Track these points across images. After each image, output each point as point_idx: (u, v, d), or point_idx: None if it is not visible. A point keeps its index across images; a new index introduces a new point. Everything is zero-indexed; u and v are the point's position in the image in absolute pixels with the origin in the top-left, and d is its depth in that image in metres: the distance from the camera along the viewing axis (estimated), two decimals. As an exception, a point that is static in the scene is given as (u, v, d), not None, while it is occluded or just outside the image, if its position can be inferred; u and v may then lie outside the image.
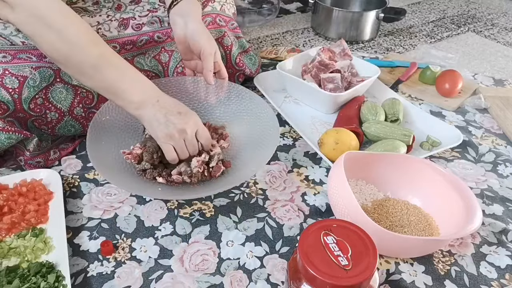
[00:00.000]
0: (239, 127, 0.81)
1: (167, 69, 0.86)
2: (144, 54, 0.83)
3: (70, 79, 0.74)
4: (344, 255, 0.45)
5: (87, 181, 0.74)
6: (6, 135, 0.68)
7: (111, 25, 0.79)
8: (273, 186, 0.75)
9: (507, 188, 0.77)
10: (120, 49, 0.79)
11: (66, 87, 0.74)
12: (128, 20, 0.80)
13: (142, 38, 0.81)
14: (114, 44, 0.79)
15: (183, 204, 0.71)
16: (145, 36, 0.82)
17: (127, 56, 0.81)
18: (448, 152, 0.84)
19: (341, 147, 0.75)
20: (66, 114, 0.76)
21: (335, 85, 0.90)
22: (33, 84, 0.70)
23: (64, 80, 0.74)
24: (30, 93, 0.70)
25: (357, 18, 1.28)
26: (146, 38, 0.82)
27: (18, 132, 0.69)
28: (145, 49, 0.83)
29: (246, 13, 1.39)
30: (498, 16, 1.56)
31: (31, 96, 0.70)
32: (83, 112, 0.77)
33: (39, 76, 0.71)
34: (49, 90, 0.72)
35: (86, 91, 0.76)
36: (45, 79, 0.72)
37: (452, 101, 0.99)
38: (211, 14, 0.89)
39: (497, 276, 0.61)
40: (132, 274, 0.60)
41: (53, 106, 0.74)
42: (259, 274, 0.60)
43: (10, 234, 0.62)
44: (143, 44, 0.82)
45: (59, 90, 0.73)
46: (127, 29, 0.80)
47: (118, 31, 0.79)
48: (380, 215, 0.66)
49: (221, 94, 0.83)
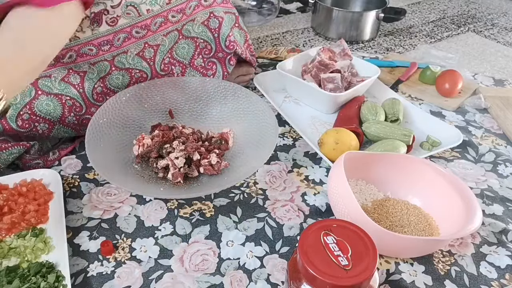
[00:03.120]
0: (236, 126, 0.81)
1: (154, 64, 0.81)
2: (126, 53, 0.77)
3: (50, 89, 0.72)
4: (344, 255, 0.45)
5: (87, 181, 0.74)
6: (7, 152, 0.69)
7: (82, 24, 0.72)
8: (273, 186, 0.75)
9: (507, 188, 0.77)
10: (97, 51, 0.75)
11: (50, 98, 0.72)
12: (100, 14, 0.73)
13: (119, 36, 0.76)
14: (90, 47, 0.74)
15: (183, 204, 0.71)
16: (122, 34, 0.76)
17: (106, 57, 0.76)
18: (448, 152, 0.84)
19: (341, 147, 0.75)
20: (57, 123, 0.75)
21: (335, 85, 0.90)
22: (14, 102, 0.69)
23: (45, 91, 0.72)
24: (14, 110, 0.69)
25: (357, 18, 1.28)
26: (124, 36, 0.76)
27: (17, 145, 0.69)
28: (125, 47, 0.77)
29: (246, 13, 1.39)
30: (498, 16, 1.56)
31: (15, 113, 0.69)
32: (75, 120, 0.76)
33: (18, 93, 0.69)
34: (34, 104, 0.71)
35: (70, 98, 0.74)
36: (26, 95, 0.70)
37: (452, 101, 0.99)
38: None
39: (497, 276, 0.61)
40: (132, 274, 0.60)
41: (41, 119, 0.72)
42: (259, 274, 0.60)
43: (10, 234, 0.62)
44: (122, 42, 0.76)
45: (46, 103, 0.72)
46: (101, 26, 0.74)
47: (92, 29, 0.73)
48: (380, 215, 0.66)
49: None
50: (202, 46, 0.86)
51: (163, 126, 0.80)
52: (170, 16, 0.80)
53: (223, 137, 0.79)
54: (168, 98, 0.84)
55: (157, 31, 0.79)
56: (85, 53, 0.74)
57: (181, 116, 0.85)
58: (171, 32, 0.81)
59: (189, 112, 0.85)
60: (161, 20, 0.79)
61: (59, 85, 0.73)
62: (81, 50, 0.74)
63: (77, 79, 0.74)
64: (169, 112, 0.84)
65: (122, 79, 0.79)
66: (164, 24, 0.80)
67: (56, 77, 0.73)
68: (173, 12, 0.80)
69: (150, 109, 0.83)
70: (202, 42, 0.86)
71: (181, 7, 0.81)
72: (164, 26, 0.80)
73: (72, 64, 0.74)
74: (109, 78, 0.77)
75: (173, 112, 0.84)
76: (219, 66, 0.91)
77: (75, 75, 0.74)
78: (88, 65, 0.75)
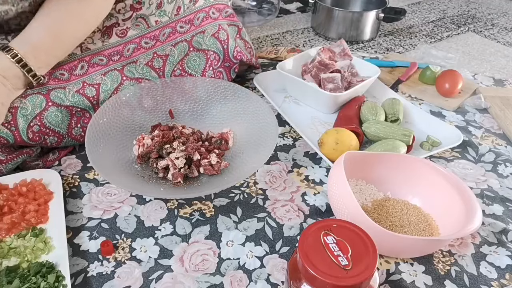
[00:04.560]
0: (236, 126, 0.81)
1: (163, 74, 0.84)
2: (135, 63, 0.80)
3: (62, 101, 0.73)
4: (344, 255, 0.45)
5: (87, 181, 0.74)
6: (11, 163, 0.70)
7: (94, 36, 0.77)
8: (273, 186, 0.75)
9: (507, 188, 0.77)
10: (107, 61, 0.77)
11: (60, 110, 0.73)
12: (111, 27, 0.78)
13: (129, 47, 0.79)
14: (100, 57, 0.77)
15: (183, 204, 0.71)
16: (131, 44, 0.79)
17: (116, 66, 0.79)
18: (448, 152, 0.84)
19: (341, 147, 0.75)
20: (66, 137, 0.75)
21: (335, 85, 0.90)
22: (25, 113, 0.70)
23: (56, 102, 0.72)
24: (24, 122, 0.70)
25: (357, 18, 1.28)
26: (133, 46, 0.80)
27: (21, 154, 0.72)
28: (134, 57, 0.80)
29: (246, 13, 1.39)
30: (498, 16, 1.56)
31: (26, 125, 0.70)
32: (82, 132, 0.77)
33: (29, 103, 0.70)
34: (43, 116, 0.72)
35: (81, 110, 0.75)
36: (37, 106, 0.71)
37: (452, 101, 0.99)
38: (203, 9, 0.87)
39: (497, 276, 0.61)
40: (132, 274, 0.60)
41: (50, 131, 0.73)
42: (259, 274, 0.60)
43: (10, 234, 0.62)
44: (131, 52, 0.80)
45: (54, 114, 0.72)
46: (111, 38, 0.78)
47: (102, 41, 0.78)
48: (380, 215, 0.66)
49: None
50: (212, 58, 0.88)
51: (163, 126, 0.80)
52: (178, 26, 0.83)
53: (223, 137, 0.79)
54: (168, 98, 0.84)
55: (166, 41, 0.82)
56: (96, 63, 0.77)
57: (181, 116, 0.85)
58: (180, 43, 0.84)
59: (189, 112, 0.85)
60: (169, 30, 0.82)
61: (72, 97, 0.74)
62: (92, 60, 0.77)
63: (92, 92, 0.76)
64: (169, 112, 0.84)
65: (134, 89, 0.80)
66: (173, 34, 0.83)
67: (70, 89, 0.74)
68: (181, 23, 0.83)
69: (150, 109, 0.83)
70: (212, 53, 0.87)
71: (189, 18, 0.84)
72: (173, 36, 0.83)
73: (85, 76, 0.76)
74: (121, 88, 0.79)
75: (173, 112, 0.84)
76: (224, 74, 0.92)
77: (90, 88, 0.76)
78: (100, 76, 0.77)
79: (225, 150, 0.78)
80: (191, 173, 0.73)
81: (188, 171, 0.73)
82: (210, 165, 0.73)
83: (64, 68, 0.75)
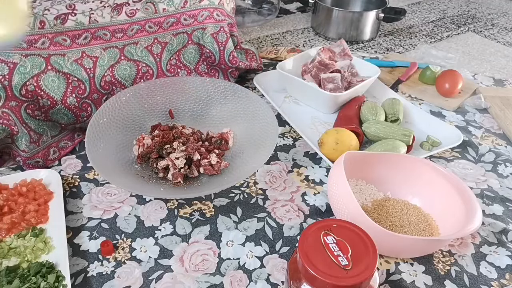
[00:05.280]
0: (236, 126, 0.81)
1: (160, 61, 0.86)
2: (136, 44, 0.83)
3: (61, 67, 0.75)
4: (344, 255, 0.45)
5: (87, 181, 0.74)
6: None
7: (104, 10, 0.79)
8: (273, 186, 0.75)
9: (507, 188, 0.77)
10: (110, 37, 0.80)
11: (57, 76, 0.74)
12: (121, 6, 0.81)
13: (133, 27, 0.82)
14: (105, 31, 0.79)
15: (183, 204, 0.71)
16: (136, 25, 0.82)
17: (117, 44, 0.81)
18: (448, 152, 0.84)
19: (341, 147, 0.75)
20: (59, 103, 0.76)
21: (335, 85, 0.90)
22: (24, 71, 0.71)
23: (56, 68, 0.74)
24: (20, 79, 0.70)
25: (357, 18, 1.28)
26: (137, 27, 0.82)
27: (6, 125, 0.70)
28: (136, 38, 0.83)
29: (246, 13, 1.39)
30: (498, 16, 1.56)
31: (21, 82, 0.71)
32: (76, 102, 0.78)
33: (29, 63, 0.71)
34: (41, 78, 0.73)
35: (78, 80, 0.77)
36: (36, 67, 0.72)
37: (452, 101, 0.99)
38: (207, 8, 0.89)
39: (497, 276, 0.61)
40: (132, 274, 0.60)
41: (45, 94, 0.74)
42: (259, 274, 0.60)
43: (10, 234, 0.62)
44: (134, 33, 0.82)
45: (51, 79, 0.74)
46: (120, 15, 0.81)
47: (111, 16, 0.80)
48: (380, 215, 0.66)
49: None
50: (207, 55, 0.92)
51: (163, 126, 0.80)
52: (183, 19, 0.86)
53: (223, 137, 0.79)
54: (168, 98, 0.84)
55: (168, 30, 0.86)
56: (99, 36, 0.79)
57: (181, 116, 0.85)
58: (180, 34, 0.88)
59: (189, 112, 0.85)
60: (173, 20, 0.86)
61: (71, 66, 0.76)
62: (96, 33, 0.79)
63: (90, 64, 0.78)
64: (169, 112, 0.84)
65: (130, 71, 0.82)
66: (176, 25, 0.86)
67: (70, 57, 0.76)
68: (186, 15, 0.87)
69: (150, 109, 0.83)
70: (208, 52, 0.91)
71: (194, 13, 0.88)
72: (175, 26, 0.86)
73: (86, 46, 0.78)
74: (117, 67, 0.81)
75: (173, 112, 0.84)
76: (221, 74, 0.96)
77: (88, 59, 0.78)
78: (100, 50, 0.79)
79: (225, 150, 0.78)
80: (191, 173, 0.73)
81: (188, 171, 0.73)
82: (210, 165, 0.73)
83: (68, 35, 0.76)
